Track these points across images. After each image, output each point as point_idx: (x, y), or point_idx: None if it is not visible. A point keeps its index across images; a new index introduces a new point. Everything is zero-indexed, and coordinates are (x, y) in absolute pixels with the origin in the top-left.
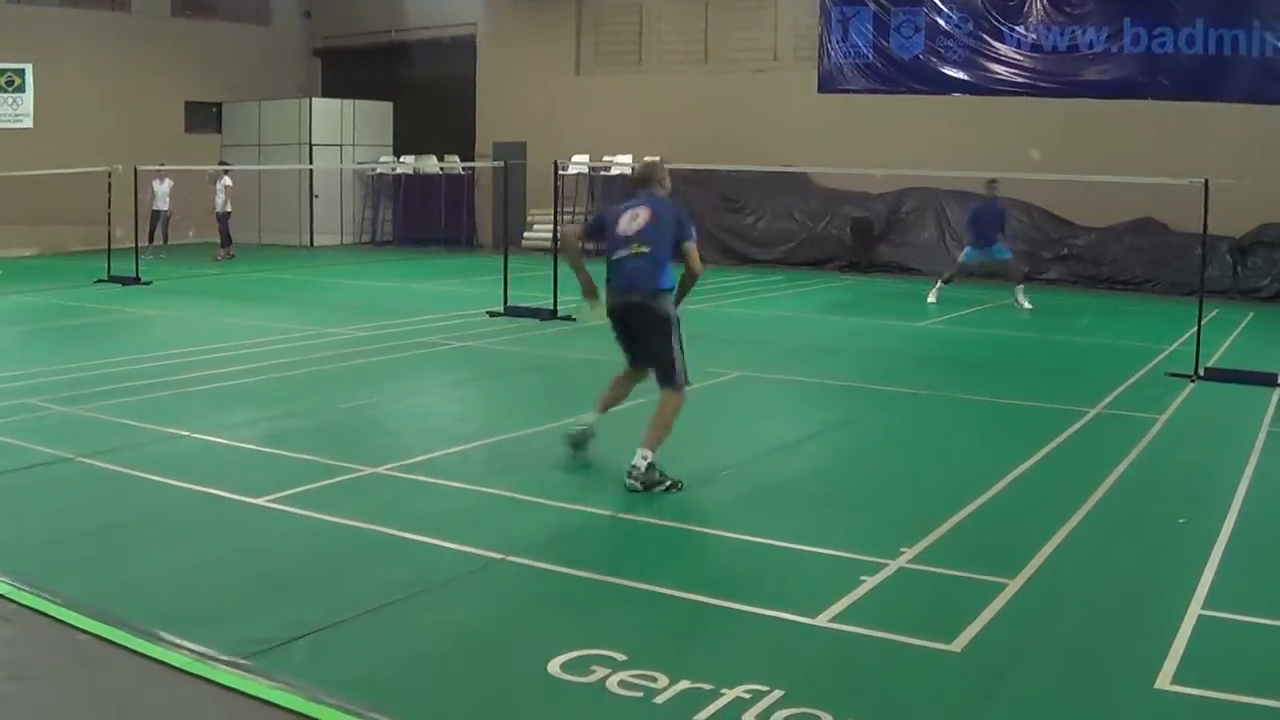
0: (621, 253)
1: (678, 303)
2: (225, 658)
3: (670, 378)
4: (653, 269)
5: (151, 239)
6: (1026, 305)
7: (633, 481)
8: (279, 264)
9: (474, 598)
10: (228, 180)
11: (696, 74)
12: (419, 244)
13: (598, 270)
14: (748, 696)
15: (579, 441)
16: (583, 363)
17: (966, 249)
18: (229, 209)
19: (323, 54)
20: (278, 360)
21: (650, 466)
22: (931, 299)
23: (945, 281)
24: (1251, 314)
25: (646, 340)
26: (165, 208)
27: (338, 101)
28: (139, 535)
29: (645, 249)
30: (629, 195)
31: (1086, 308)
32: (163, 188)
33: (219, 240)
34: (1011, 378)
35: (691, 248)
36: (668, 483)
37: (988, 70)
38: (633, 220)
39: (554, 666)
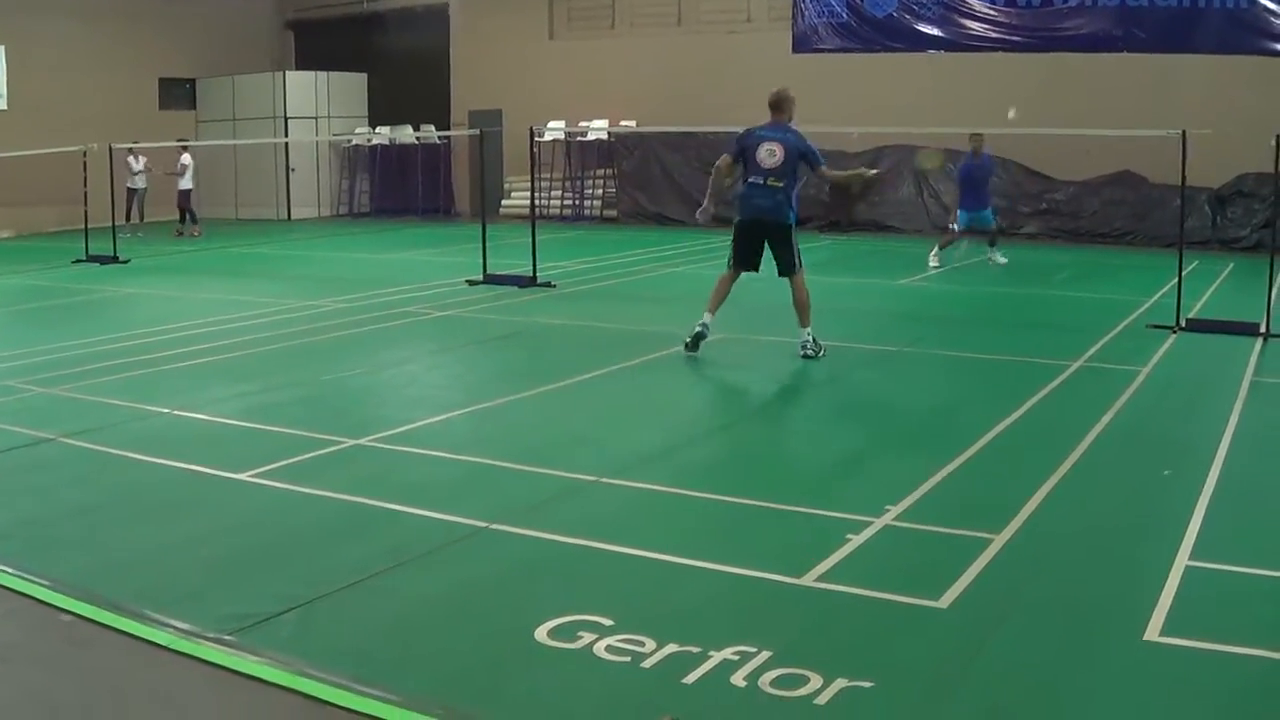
0: (756, 179)
1: (847, 179)
2: (211, 634)
3: (791, 268)
4: (784, 204)
5: (129, 217)
6: (1001, 260)
7: (807, 352)
8: (257, 238)
9: (459, 567)
10: (186, 158)
11: (670, 37)
12: (397, 214)
13: None
14: (736, 658)
15: (695, 341)
16: (563, 328)
17: (961, 213)
18: (190, 185)
19: (295, 26)
20: (258, 334)
21: (814, 339)
22: (934, 263)
23: (942, 248)
24: (1232, 264)
25: (771, 247)
26: (141, 185)
27: (312, 74)
28: (121, 514)
29: (779, 184)
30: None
31: (1066, 261)
32: (138, 165)
33: (179, 218)
34: (992, 333)
35: (823, 171)
36: (823, 347)
37: (962, 27)
38: (770, 155)
39: (541, 633)
